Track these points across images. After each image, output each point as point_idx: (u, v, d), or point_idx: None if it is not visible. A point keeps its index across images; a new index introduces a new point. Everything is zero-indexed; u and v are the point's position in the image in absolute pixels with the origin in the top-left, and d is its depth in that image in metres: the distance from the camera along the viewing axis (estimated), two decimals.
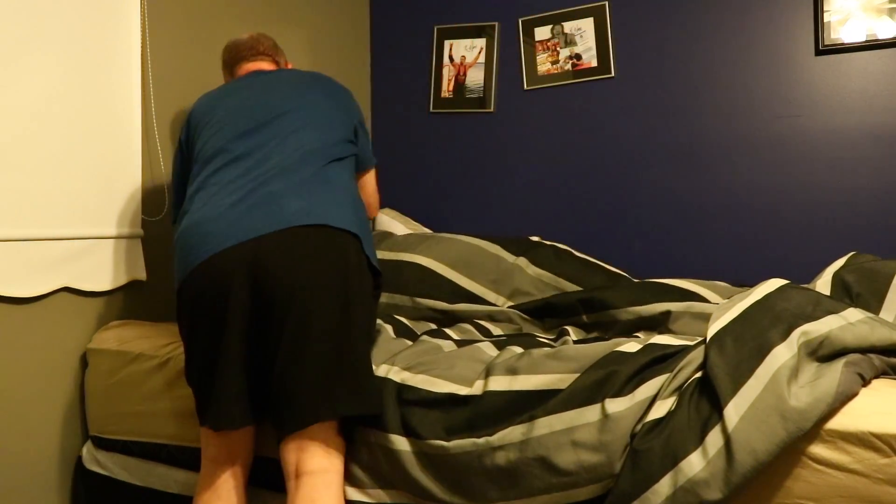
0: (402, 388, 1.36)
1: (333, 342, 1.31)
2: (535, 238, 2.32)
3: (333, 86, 1.74)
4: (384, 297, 2.01)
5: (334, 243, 1.35)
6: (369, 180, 1.84)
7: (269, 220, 1.34)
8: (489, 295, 2.00)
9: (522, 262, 2.11)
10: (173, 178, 1.78)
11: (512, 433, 1.24)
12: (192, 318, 1.37)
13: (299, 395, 1.29)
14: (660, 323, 1.68)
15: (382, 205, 3.11)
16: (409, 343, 1.56)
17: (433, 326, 1.82)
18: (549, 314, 1.87)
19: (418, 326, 1.83)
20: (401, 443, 1.32)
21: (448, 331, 1.67)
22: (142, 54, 2.04)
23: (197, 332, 1.37)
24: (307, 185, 1.42)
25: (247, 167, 1.46)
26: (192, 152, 1.64)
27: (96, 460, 1.82)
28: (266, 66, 1.89)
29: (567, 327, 1.77)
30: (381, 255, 2.16)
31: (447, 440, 1.27)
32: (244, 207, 1.36)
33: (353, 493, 1.38)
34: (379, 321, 1.65)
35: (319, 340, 1.29)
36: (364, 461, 1.37)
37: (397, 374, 1.39)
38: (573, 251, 2.25)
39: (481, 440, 1.25)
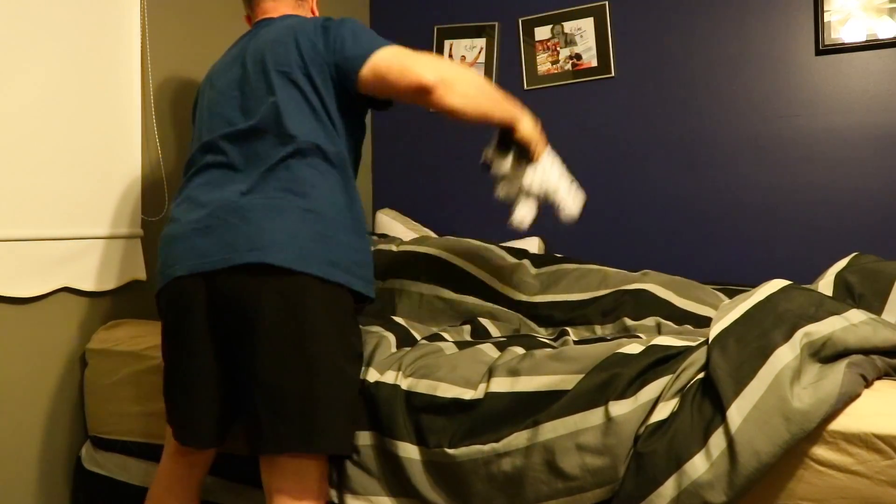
0: (410, 395, 1.36)
1: (285, 381, 1.26)
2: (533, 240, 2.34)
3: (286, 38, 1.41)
4: (393, 284, 2.01)
5: (282, 285, 1.26)
6: (382, 82, 1.32)
7: (221, 250, 1.29)
8: (496, 283, 2.00)
9: (526, 262, 2.13)
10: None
11: (517, 439, 1.23)
12: (164, 333, 1.39)
13: (256, 422, 1.27)
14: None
15: (382, 205, 3.10)
16: (411, 347, 1.56)
17: (434, 330, 1.82)
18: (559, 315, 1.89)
19: (419, 329, 1.83)
20: (409, 450, 1.32)
21: (446, 335, 1.67)
22: (142, 54, 2.03)
23: (169, 347, 1.39)
24: (261, 198, 1.31)
25: (212, 177, 1.40)
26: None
27: (95, 460, 1.82)
28: (273, 10, 1.57)
29: (567, 328, 1.77)
30: (391, 247, 2.17)
31: (453, 448, 1.27)
32: (202, 228, 1.32)
33: (359, 501, 1.37)
34: (380, 329, 1.62)
35: (270, 378, 1.26)
36: (370, 468, 1.37)
37: (404, 381, 1.39)
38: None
39: (487, 447, 1.25)
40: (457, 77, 1.32)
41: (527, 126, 1.50)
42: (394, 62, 1.31)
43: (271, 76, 1.37)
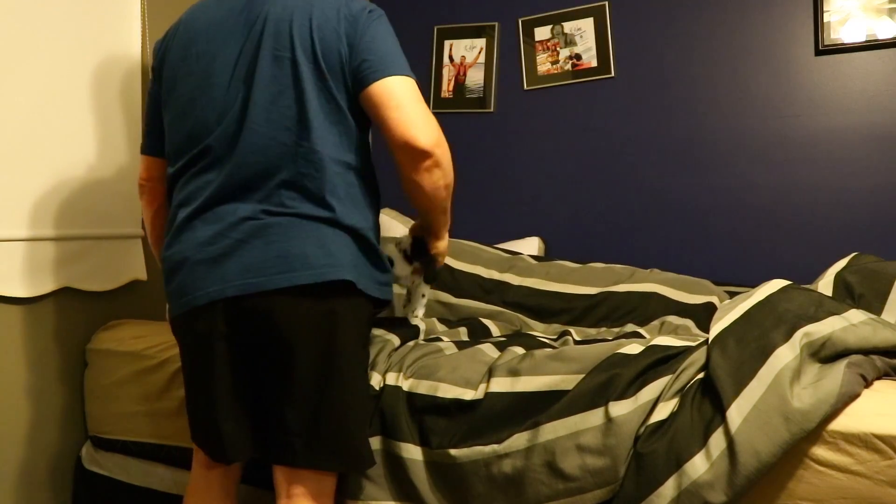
0: (412, 396, 1.36)
1: (321, 400, 1.23)
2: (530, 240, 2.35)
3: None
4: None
5: (316, 305, 1.21)
6: (384, 110, 1.23)
7: (244, 274, 1.21)
8: (494, 274, 2.00)
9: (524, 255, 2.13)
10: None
11: (517, 440, 1.23)
12: (184, 356, 1.33)
13: (286, 437, 1.24)
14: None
15: (381, 205, 3.10)
16: (410, 346, 1.56)
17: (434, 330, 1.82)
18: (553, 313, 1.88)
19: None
20: (412, 451, 1.32)
21: (444, 336, 1.67)
22: (142, 53, 2.03)
23: (191, 370, 1.32)
24: (279, 213, 1.23)
25: (210, 179, 1.28)
26: (162, 103, 1.40)
27: (95, 460, 1.82)
28: None
29: (570, 328, 1.77)
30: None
31: (454, 448, 1.27)
32: (215, 251, 1.23)
33: None
34: (383, 333, 1.59)
35: (304, 396, 1.23)
36: (370, 472, 1.37)
37: (405, 382, 1.39)
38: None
39: (487, 448, 1.25)
40: (445, 159, 1.28)
41: (446, 243, 1.55)
42: (405, 100, 1.23)
43: (285, 64, 1.25)
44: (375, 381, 1.41)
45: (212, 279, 1.23)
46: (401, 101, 1.23)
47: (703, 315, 1.75)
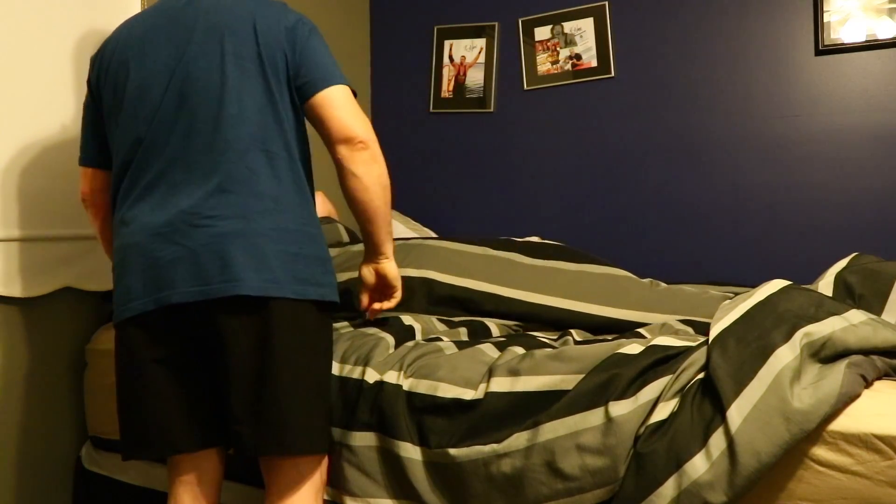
0: (411, 395, 1.36)
1: (255, 386, 1.24)
2: (531, 238, 2.20)
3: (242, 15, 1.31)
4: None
5: (250, 320, 1.23)
6: (328, 110, 1.31)
7: (189, 281, 1.23)
8: (484, 286, 1.91)
9: (515, 256, 2.00)
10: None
11: (517, 440, 1.23)
12: (123, 362, 1.32)
13: (232, 422, 1.26)
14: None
15: None
16: (410, 346, 1.55)
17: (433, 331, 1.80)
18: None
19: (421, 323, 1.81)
20: (411, 451, 1.32)
21: (444, 336, 1.66)
22: None
23: (130, 375, 1.31)
24: (218, 216, 1.24)
25: (164, 193, 1.28)
26: (102, 107, 1.39)
27: (95, 460, 1.82)
28: None
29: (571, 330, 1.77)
30: None
31: (453, 448, 1.27)
32: (164, 257, 1.24)
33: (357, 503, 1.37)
34: (377, 331, 1.57)
35: (241, 383, 1.25)
36: (369, 470, 1.37)
37: (405, 381, 1.39)
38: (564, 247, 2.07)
39: (487, 448, 1.25)
40: (381, 159, 1.36)
41: (394, 265, 1.49)
42: (344, 103, 1.33)
43: (226, 64, 1.28)
44: (371, 376, 1.40)
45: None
46: (342, 103, 1.32)
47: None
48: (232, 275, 1.22)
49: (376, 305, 1.55)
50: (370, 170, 1.33)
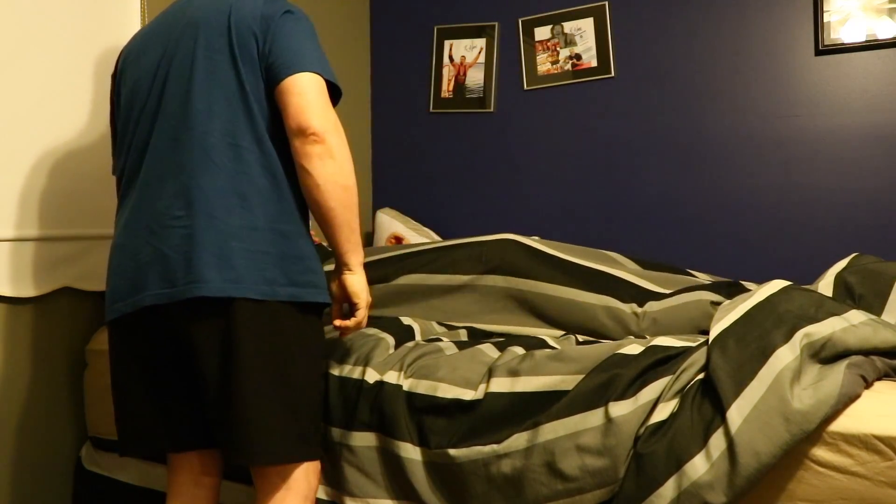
0: (411, 396, 1.36)
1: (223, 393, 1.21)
2: (531, 238, 2.09)
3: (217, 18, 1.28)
4: (383, 314, 1.82)
5: (215, 323, 1.20)
6: (285, 98, 1.22)
7: (159, 283, 1.22)
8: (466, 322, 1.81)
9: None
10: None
11: (517, 440, 1.23)
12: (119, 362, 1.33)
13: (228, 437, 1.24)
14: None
15: (381, 204, 3.10)
16: (410, 346, 1.55)
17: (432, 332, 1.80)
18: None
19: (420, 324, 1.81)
20: (410, 451, 1.32)
21: (444, 336, 1.66)
22: None
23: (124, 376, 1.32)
24: (189, 216, 1.21)
25: (143, 193, 1.28)
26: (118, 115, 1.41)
27: (95, 460, 1.82)
28: None
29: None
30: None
31: (453, 448, 1.27)
32: (142, 259, 1.24)
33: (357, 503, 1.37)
34: (377, 331, 1.57)
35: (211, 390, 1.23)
36: (369, 470, 1.37)
37: (405, 381, 1.39)
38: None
39: (487, 448, 1.25)
40: (340, 154, 1.23)
41: (359, 279, 1.34)
42: (307, 90, 1.23)
43: (196, 58, 1.25)
44: (371, 376, 1.40)
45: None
46: (303, 89, 1.21)
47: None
48: (195, 276, 1.19)
49: (337, 323, 1.37)
50: (323, 165, 1.21)
